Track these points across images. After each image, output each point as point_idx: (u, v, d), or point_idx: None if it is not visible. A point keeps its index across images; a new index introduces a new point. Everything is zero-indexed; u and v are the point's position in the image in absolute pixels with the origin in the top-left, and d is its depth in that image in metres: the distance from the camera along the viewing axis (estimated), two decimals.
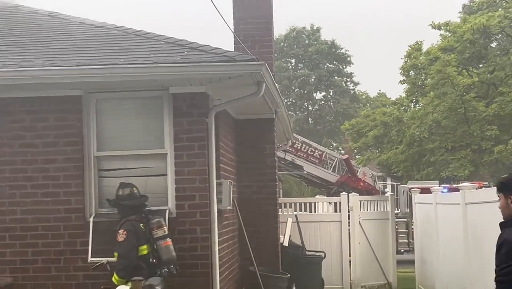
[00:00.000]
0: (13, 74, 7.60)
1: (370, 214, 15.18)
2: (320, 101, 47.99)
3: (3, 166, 7.96)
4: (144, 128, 8.07)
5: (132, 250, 6.85)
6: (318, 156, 17.04)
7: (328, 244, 13.63)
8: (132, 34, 9.44)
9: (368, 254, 14.78)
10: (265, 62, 7.62)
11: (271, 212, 11.13)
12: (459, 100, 26.75)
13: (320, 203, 15.76)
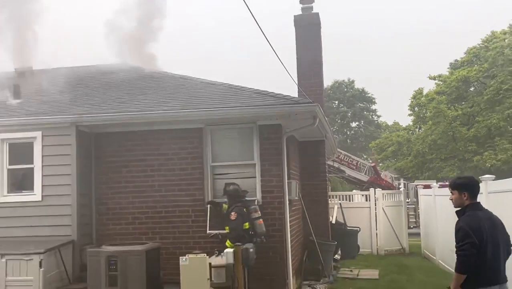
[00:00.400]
0: (162, 114, 9.30)
1: (390, 202, 17.19)
2: (355, 128, 58.36)
3: (154, 172, 9.50)
4: (241, 147, 9.53)
5: (239, 225, 8.15)
6: (354, 164, 18.96)
7: (361, 222, 15.45)
8: (233, 88, 10.64)
9: (388, 229, 16.56)
10: (318, 104, 9.21)
11: (322, 201, 12.58)
12: (449, 127, 34.37)
13: (355, 195, 17.84)
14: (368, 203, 16.91)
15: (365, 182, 18.79)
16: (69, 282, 8.73)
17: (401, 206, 17.28)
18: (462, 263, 4.12)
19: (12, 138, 9.68)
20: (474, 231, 4.09)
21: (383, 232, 16.60)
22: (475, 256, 4.03)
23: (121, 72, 12.72)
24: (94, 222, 9.72)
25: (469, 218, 4.27)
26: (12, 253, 8.28)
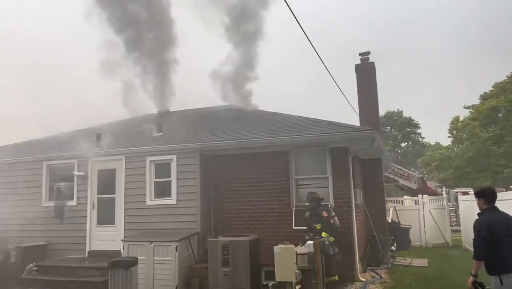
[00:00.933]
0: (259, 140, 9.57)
1: (435, 206, 16.26)
2: (404, 148, 55.83)
3: (254, 183, 9.70)
4: (317, 164, 9.48)
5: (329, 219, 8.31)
6: (406, 175, 18.16)
7: (412, 222, 14.76)
8: (310, 120, 10.53)
9: (434, 226, 15.76)
10: (375, 130, 9.19)
11: (380, 205, 12.33)
12: (482, 146, 34.03)
13: (406, 200, 17.06)
14: (417, 206, 16.16)
15: (414, 190, 17.96)
16: (195, 262, 9.06)
17: (444, 208, 16.38)
18: (476, 252, 4.29)
19: (156, 160, 10.21)
20: (486, 227, 4.20)
21: (429, 229, 15.82)
22: (486, 247, 4.15)
23: (229, 111, 13.06)
24: (212, 219, 10.04)
25: (484, 218, 4.38)
26: (158, 240, 8.77)
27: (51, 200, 11.14)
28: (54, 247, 10.67)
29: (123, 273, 7.38)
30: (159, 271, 8.60)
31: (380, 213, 12.21)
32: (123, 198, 10.34)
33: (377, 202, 12.22)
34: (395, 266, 11.03)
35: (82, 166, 10.87)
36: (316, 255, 7.58)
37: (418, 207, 16.06)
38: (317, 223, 8.38)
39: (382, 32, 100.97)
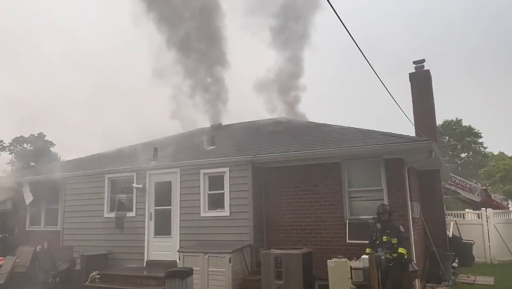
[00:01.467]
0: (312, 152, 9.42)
1: (500, 220, 15.12)
2: (464, 158, 51.85)
3: (305, 195, 9.59)
4: (371, 176, 9.20)
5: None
6: (468, 187, 17.12)
7: (475, 236, 13.76)
8: (362, 131, 10.35)
9: (500, 242, 14.64)
10: (433, 141, 8.78)
11: (440, 219, 11.73)
12: None
13: (468, 213, 15.94)
14: (480, 220, 15.08)
15: (477, 202, 16.86)
16: (248, 274, 9.08)
17: (511, 223, 15.16)
18: None
19: (210, 173, 10.39)
20: None
21: (495, 244, 14.71)
22: None
23: (278, 124, 13.11)
24: (264, 231, 10.01)
25: None
26: (212, 252, 8.88)
27: (112, 211, 11.61)
28: (115, 256, 11.11)
29: (179, 283, 7.58)
30: (213, 282, 8.70)
31: (439, 227, 11.60)
32: (178, 209, 10.62)
33: (436, 215, 11.64)
34: (457, 284, 10.43)
35: (140, 179, 11.30)
36: (372, 270, 7.31)
37: (481, 221, 15.01)
38: (392, 237, 7.71)
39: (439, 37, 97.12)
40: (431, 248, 10.81)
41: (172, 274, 7.67)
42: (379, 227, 7.91)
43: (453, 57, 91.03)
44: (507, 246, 14.68)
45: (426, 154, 8.92)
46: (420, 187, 11.59)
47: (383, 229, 7.85)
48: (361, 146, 9.18)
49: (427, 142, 8.65)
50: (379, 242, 7.77)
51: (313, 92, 74.73)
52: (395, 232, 7.77)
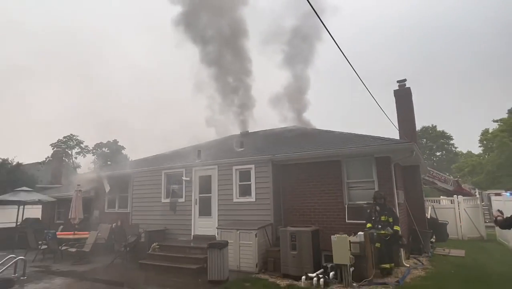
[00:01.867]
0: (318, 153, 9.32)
1: (469, 205, 14.38)
2: (438, 156, 49.88)
3: (314, 186, 9.44)
4: (364, 171, 8.93)
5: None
6: (443, 178, 16.44)
7: (448, 218, 13.14)
8: (357, 136, 10.18)
9: (469, 222, 14.03)
10: (414, 143, 8.58)
11: (420, 203, 11.13)
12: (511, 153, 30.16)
13: (443, 200, 15.19)
14: (453, 205, 14.45)
15: (450, 191, 16.16)
16: (270, 246, 9.00)
17: (478, 207, 14.45)
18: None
19: (240, 168, 10.38)
20: None
21: (465, 224, 14.09)
22: None
23: (292, 131, 13.02)
24: (282, 213, 9.90)
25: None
26: (242, 228, 8.85)
27: (167, 198, 11.75)
28: (169, 231, 11.24)
29: (218, 252, 7.60)
30: (243, 251, 8.67)
31: (420, 211, 11.14)
32: (216, 196, 10.65)
33: (417, 201, 11.18)
34: (434, 255, 10.02)
35: (188, 173, 11.41)
36: (366, 244, 7.19)
37: (454, 206, 14.39)
38: (389, 217, 7.80)
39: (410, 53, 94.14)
40: (413, 226, 10.46)
41: (212, 245, 7.69)
42: (378, 209, 7.90)
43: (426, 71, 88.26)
44: (475, 225, 14.10)
45: (408, 153, 8.68)
46: (404, 179, 11.23)
47: (382, 211, 7.86)
48: (356, 147, 9.01)
49: (409, 144, 8.46)
50: (378, 220, 7.81)
51: (315, 104, 74.02)
52: (390, 213, 7.87)
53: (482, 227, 14.17)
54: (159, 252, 9.76)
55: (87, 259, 10.38)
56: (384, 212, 7.84)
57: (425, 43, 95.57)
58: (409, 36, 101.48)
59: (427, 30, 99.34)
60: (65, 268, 9.44)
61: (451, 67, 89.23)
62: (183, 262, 8.96)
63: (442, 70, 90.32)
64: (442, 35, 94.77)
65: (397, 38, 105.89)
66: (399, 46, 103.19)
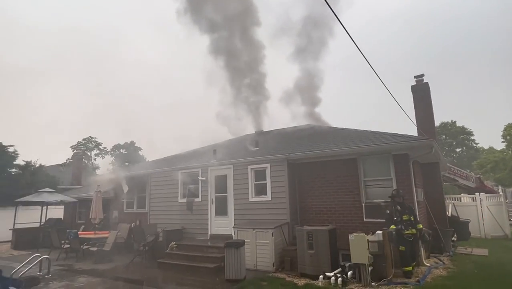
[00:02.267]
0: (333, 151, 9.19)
1: (492, 202, 13.87)
2: (459, 153, 47.82)
3: (329, 184, 9.34)
4: (382, 168, 8.74)
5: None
6: (465, 175, 15.94)
7: (470, 216, 12.65)
8: (374, 132, 9.98)
9: (492, 220, 13.48)
10: (433, 139, 8.31)
11: (440, 201, 10.85)
12: None
13: (464, 197, 14.68)
14: (475, 202, 13.96)
15: (472, 188, 15.65)
16: (287, 245, 8.97)
17: (502, 204, 13.94)
18: None
19: (255, 167, 10.39)
20: None
21: (488, 222, 13.57)
22: None
23: (307, 130, 12.92)
24: (298, 212, 9.85)
25: None
26: (259, 227, 8.85)
27: (184, 198, 11.88)
28: (186, 231, 11.37)
29: (234, 251, 7.63)
30: (260, 250, 8.67)
31: (440, 209, 10.82)
32: (232, 196, 10.69)
33: (437, 199, 10.88)
34: (456, 255, 9.73)
35: (204, 173, 11.50)
36: (385, 243, 7.05)
37: (476, 203, 13.91)
38: (411, 215, 7.55)
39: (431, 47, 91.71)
40: (433, 225, 10.19)
41: (229, 245, 7.73)
42: (399, 208, 7.60)
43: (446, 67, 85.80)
44: (499, 223, 13.60)
45: (427, 150, 8.45)
46: (423, 177, 10.97)
47: (402, 210, 7.57)
48: (373, 144, 8.83)
49: (428, 140, 8.21)
50: (400, 220, 7.48)
51: (331, 101, 72.81)
52: (411, 211, 7.62)
53: (506, 225, 13.66)
54: (177, 251, 9.89)
55: (108, 258, 10.62)
56: (405, 211, 7.58)
57: (441, 34, 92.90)
58: (423, 27, 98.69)
59: (441, 22, 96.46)
60: (87, 266, 9.69)
61: (469, 59, 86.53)
62: (200, 261, 9.04)
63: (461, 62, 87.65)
64: (459, 27, 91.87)
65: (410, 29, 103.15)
66: (411, 38, 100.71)
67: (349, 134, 10.72)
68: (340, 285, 6.70)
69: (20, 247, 13.67)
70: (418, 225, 7.51)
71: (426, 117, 11.47)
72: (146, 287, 7.15)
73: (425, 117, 11.43)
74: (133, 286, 7.40)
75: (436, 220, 10.28)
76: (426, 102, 11.67)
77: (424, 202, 10.32)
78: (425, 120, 11.48)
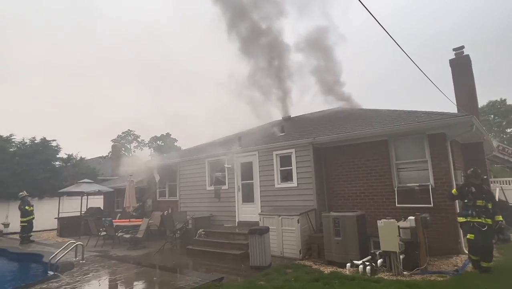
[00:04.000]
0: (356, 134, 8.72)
1: None
2: (510, 133, 43.37)
3: (359, 168, 8.85)
4: (415, 150, 8.11)
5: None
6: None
7: None
8: (407, 112, 9.25)
9: None
10: (473, 115, 7.42)
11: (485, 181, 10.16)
12: None
13: None
14: None
15: None
16: (314, 231, 8.72)
17: None
18: None
19: (280, 153, 10.15)
20: None
21: None
22: None
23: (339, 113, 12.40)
24: (326, 198, 9.52)
25: None
26: (284, 214, 8.67)
27: (211, 185, 11.96)
28: (215, 218, 11.47)
29: (258, 238, 7.51)
30: (286, 237, 8.50)
31: None
32: (258, 182, 10.56)
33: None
34: (505, 242, 8.85)
35: (230, 160, 11.46)
36: (418, 229, 6.54)
37: None
38: (488, 202, 6.17)
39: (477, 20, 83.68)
40: None
41: (253, 231, 7.63)
42: (473, 191, 6.26)
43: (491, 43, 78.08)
44: None
45: (467, 128, 7.66)
46: (464, 158, 10.08)
47: (478, 193, 6.21)
48: (404, 124, 8.18)
49: (467, 116, 7.40)
50: (472, 205, 6.19)
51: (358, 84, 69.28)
52: (490, 197, 6.23)
53: None
54: (205, 238, 9.99)
55: (141, 244, 11.02)
56: (482, 195, 6.20)
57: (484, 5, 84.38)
58: None
59: None
60: (120, 252, 10.11)
61: None
62: (227, 248, 9.05)
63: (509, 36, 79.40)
64: None
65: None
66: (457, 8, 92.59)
67: (379, 115, 10.08)
68: (369, 273, 6.33)
69: (65, 234, 14.63)
70: (497, 216, 6.05)
71: (467, 94, 10.55)
72: (171, 273, 7.26)
73: (466, 93, 10.51)
74: (160, 272, 7.56)
75: None
76: (467, 77, 10.72)
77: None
78: (466, 97, 10.54)
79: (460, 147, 9.97)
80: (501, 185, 12.80)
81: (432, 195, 7.73)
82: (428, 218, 6.74)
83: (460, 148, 9.97)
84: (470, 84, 10.69)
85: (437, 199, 7.68)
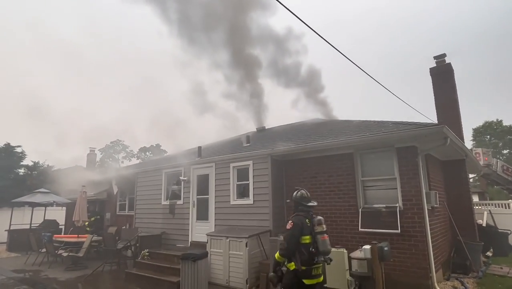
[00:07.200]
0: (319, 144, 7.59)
1: None
2: (507, 154, 41.82)
3: (321, 185, 7.82)
4: (383, 165, 7.08)
5: (292, 238, 4.08)
6: None
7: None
8: (375, 122, 8.49)
9: None
10: (445, 125, 6.26)
11: (467, 208, 8.81)
12: None
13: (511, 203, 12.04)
14: None
15: None
16: (266, 258, 7.52)
17: None
18: None
19: (238, 165, 9.06)
20: None
21: None
22: None
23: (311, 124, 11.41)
24: (285, 218, 8.32)
25: None
26: (232, 236, 7.53)
27: (167, 200, 10.80)
28: (168, 236, 10.26)
29: (192, 265, 6.34)
30: (233, 263, 7.33)
31: (467, 217, 8.76)
32: (213, 198, 9.42)
33: (463, 205, 8.85)
34: (488, 276, 7.63)
35: (187, 172, 10.35)
36: (374, 262, 5.35)
37: None
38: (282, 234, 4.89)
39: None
40: (457, 237, 8.17)
41: (186, 257, 6.49)
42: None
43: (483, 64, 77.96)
44: None
45: (440, 140, 6.57)
46: (444, 177, 8.99)
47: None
48: (368, 135, 7.07)
49: (438, 126, 6.26)
50: None
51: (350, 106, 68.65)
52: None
53: None
54: (148, 260, 8.78)
55: (82, 265, 9.78)
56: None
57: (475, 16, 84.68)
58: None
59: None
60: (53, 274, 8.87)
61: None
62: (167, 273, 7.85)
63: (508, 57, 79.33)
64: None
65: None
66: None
67: (349, 126, 9.06)
68: None
69: (14, 249, 13.36)
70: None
71: (449, 105, 9.52)
72: None
73: (448, 104, 9.44)
74: None
75: (460, 230, 8.27)
76: (449, 86, 9.73)
77: (444, 207, 8.37)
78: (447, 109, 9.49)
79: (440, 164, 8.90)
80: (489, 208, 11.57)
81: (399, 218, 6.59)
82: (387, 248, 5.58)
83: (440, 165, 8.90)
84: (452, 94, 9.68)
85: (405, 224, 6.55)
